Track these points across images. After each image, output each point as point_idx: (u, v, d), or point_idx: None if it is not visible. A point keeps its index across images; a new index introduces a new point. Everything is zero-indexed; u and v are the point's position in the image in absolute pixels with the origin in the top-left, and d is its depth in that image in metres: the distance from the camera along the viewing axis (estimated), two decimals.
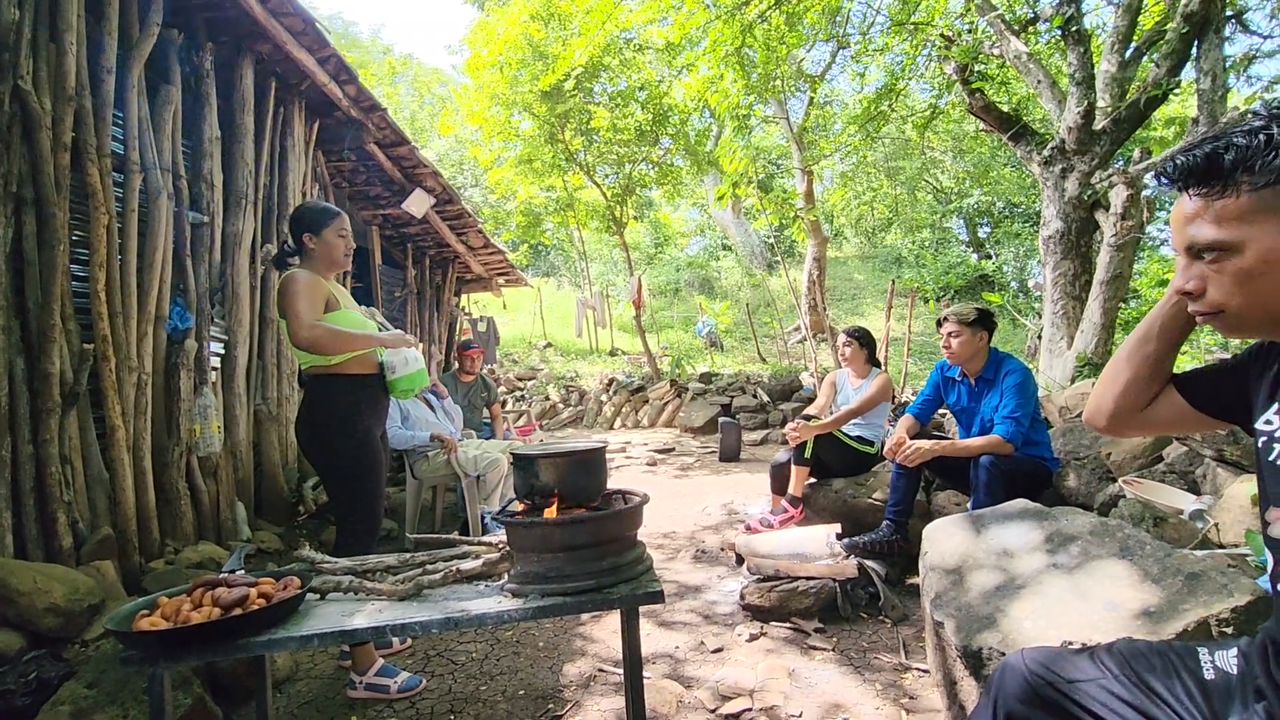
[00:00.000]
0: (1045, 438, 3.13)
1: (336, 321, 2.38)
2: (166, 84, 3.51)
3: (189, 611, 1.31)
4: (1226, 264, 0.88)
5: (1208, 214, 0.88)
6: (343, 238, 2.51)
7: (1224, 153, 0.86)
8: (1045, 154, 5.57)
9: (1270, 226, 0.85)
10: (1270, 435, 0.93)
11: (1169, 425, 1.18)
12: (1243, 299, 0.89)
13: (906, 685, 2.37)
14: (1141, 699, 1.01)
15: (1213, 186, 0.87)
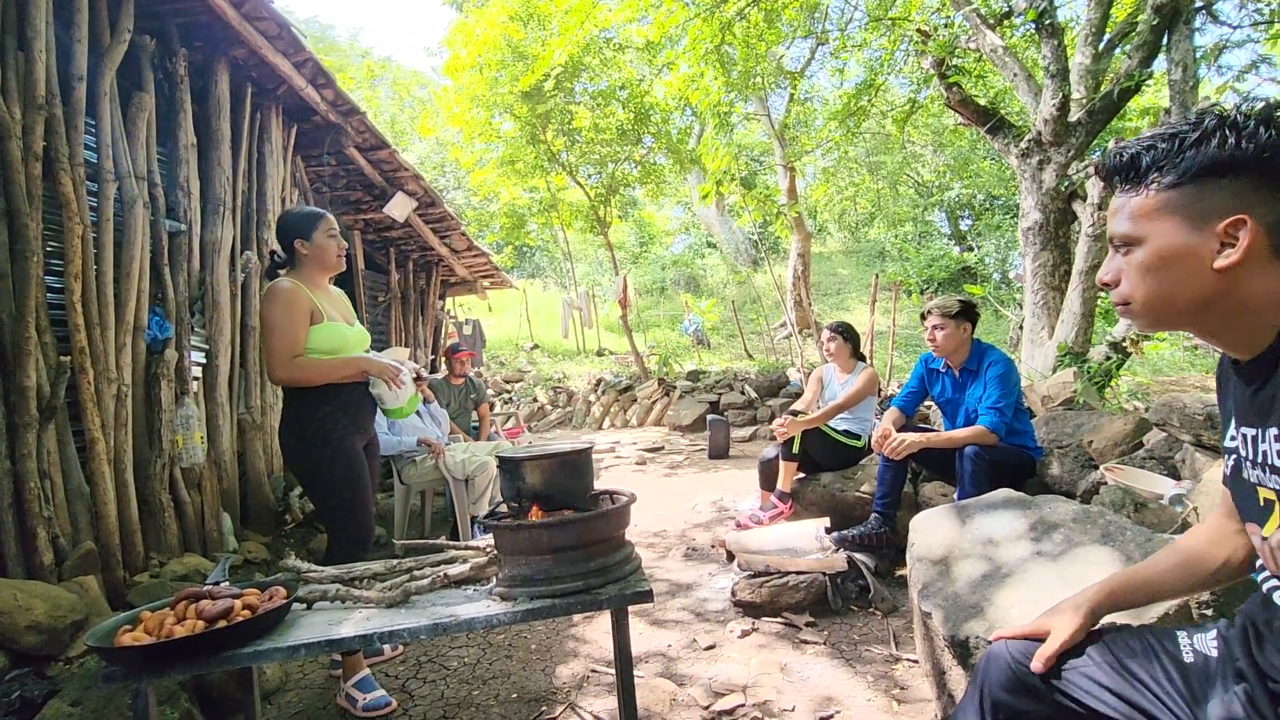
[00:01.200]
0: (1028, 427, 3.16)
1: (318, 337, 2.35)
2: (139, 91, 3.45)
3: (172, 625, 1.30)
4: (1132, 257, 0.93)
5: (1125, 210, 0.93)
6: (333, 238, 2.48)
7: (1144, 154, 0.90)
8: (1022, 146, 5.62)
9: (1169, 225, 0.89)
10: (1236, 452, 0.95)
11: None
12: (1143, 292, 0.93)
13: (897, 676, 2.39)
14: (1122, 683, 1.02)
15: (1133, 184, 0.91)
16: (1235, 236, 0.84)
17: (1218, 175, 0.85)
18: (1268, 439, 0.85)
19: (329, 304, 2.47)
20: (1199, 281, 0.87)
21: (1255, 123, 0.84)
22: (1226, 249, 0.85)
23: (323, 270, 2.49)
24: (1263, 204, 0.84)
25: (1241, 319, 0.88)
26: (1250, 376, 0.91)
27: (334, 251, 2.48)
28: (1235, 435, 0.94)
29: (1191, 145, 0.87)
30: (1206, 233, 0.86)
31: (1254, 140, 0.83)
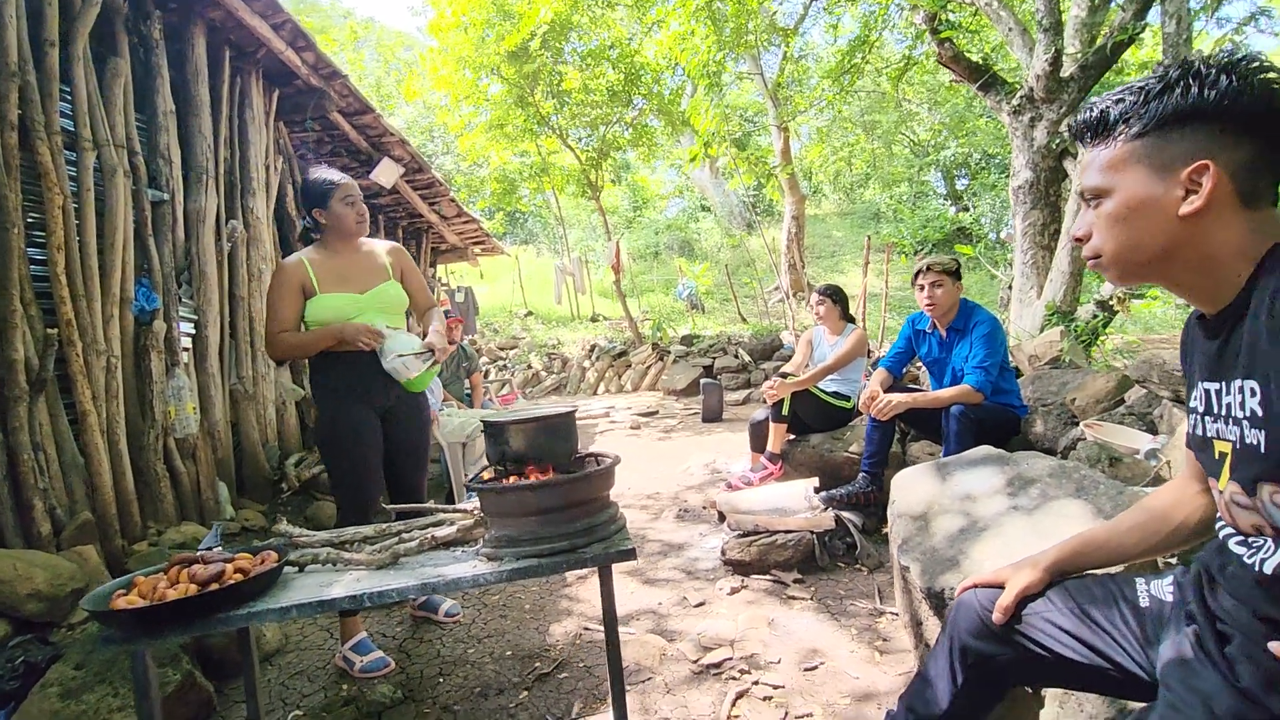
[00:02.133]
0: (1014, 386, 3.20)
1: (312, 310, 2.37)
2: (114, 56, 3.38)
3: (165, 589, 1.33)
4: (1102, 209, 0.93)
5: (1095, 163, 0.94)
6: (351, 205, 2.45)
7: (1113, 107, 0.90)
8: (1014, 103, 5.55)
9: (1136, 174, 0.89)
10: (1197, 411, 0.97)
11: None
12: (1113, 243, 0.94)
13: (880, 628, 2.46)
14: (1081, 627, 1.06)
15: (1102, 138, 0.92)
16: (1199, 183, 0.85)
17: (1181, 124, 0.86)
18: (1231, 391, 0.87)
19: (342, 272, 2.44)
20: (1165, 230, 0.88)
21: (1217, 71, 0.84)
22: (1191, 196, 0.86)
23: (343, 238, 2.47)
24: (1225, 150, 0.84)
25: (1208, 269, 0.89)
26: (1214, 331, 0.92)
27: (351, 219, 2.45)
28: (1198, 394, 0.96)
29: (1156, 96, 0.87)
30: (1171, 181, 0.87)
31: (1215, 88, 0.84)
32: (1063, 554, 1.16)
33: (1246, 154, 0.85)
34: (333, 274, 2.45)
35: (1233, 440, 0.87)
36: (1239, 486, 0.87)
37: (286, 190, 4.93)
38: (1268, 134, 0.85)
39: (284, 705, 2.24)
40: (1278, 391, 0.78)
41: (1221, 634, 0.90)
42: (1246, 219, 0.86)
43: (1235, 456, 0.87)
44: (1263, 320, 0.81)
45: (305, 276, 2.40)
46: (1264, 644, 0.82)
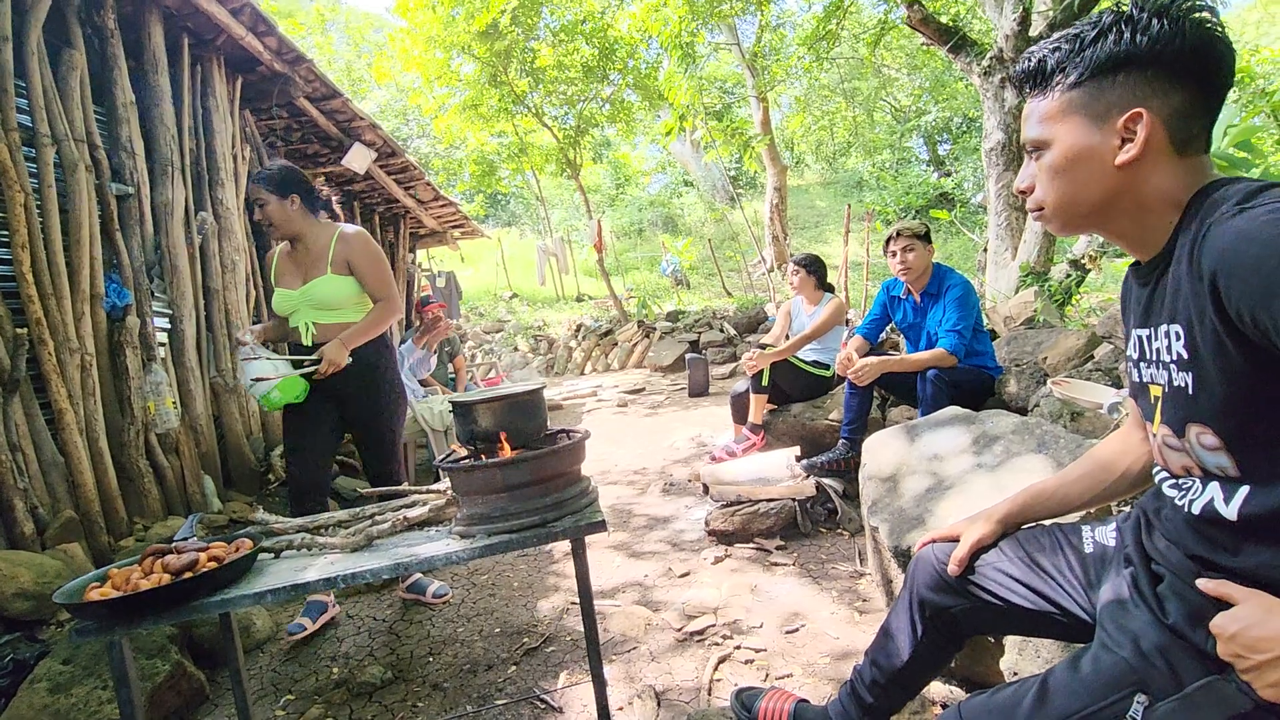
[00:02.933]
0: (988, 347, 3.23)
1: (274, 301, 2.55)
2: (69, 48, 3.30)
3: (139, 580, 1.34)
4: (1042, 161, 0.93)
5: (1034, 114, 0.93)
6: (250, 210, 2.65)
7: (1049, 57, 0.90)
8: (984, 65, 5.54)
9: (1073, 124, 0.90)
10: (1132, 359, 0.99)
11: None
12: (1054, 194, 0.94)
13: (861, 589, 2.51)
14: (1030, 574, 1.10)
15: (1041, 88, 0.91)
16: (1134, 131, 0.85)
17: (1115, 71, 0.86)
18: (1159, 336, 0.89)
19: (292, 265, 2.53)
20: (1103, 179, 0.89)
21: (1149, 16, 0.84)
22: (1127, 144, 0.86)
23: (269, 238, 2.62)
24: (1157, 96, 0.85)
25: (1143, 217, 0.90)
26: (1145, 278, 0.94)
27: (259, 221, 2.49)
28: (1133, 341, 0.98)
29: (1090, 43, 0.87)
30: (1107, 130, 0.87)
31: (1147, 33, 0.83)
32: (1014, 506, 1.19)
33: (1179, 100, 0.85)
34: (284, 267, 2.52)
35: (1163, 384, 0.90)
36: (1169, 429, 0.90)
37: None
38: (1199, 78, 0.84)
39: (275, 691, 2.27)
40: (1200, 334, 0.80)
41: (1155, 574, 0.94)
42: (1179, 166, 0.87)
43: (1165, 399, 0.90)
44: (1184, 266, 0.83)
45: (270, 267, 2.55)
46: (1193, 581, 0.85)
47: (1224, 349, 0.77)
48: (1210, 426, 0.83)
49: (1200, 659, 0.82)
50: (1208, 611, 0.80)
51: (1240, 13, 20.39)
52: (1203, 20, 0.83)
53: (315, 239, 2.52)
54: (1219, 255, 0.76)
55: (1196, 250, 0.80)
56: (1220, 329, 0.77)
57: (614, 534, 3.41)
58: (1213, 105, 0.87)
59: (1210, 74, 0.85)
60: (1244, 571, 0.81)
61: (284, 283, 2.50)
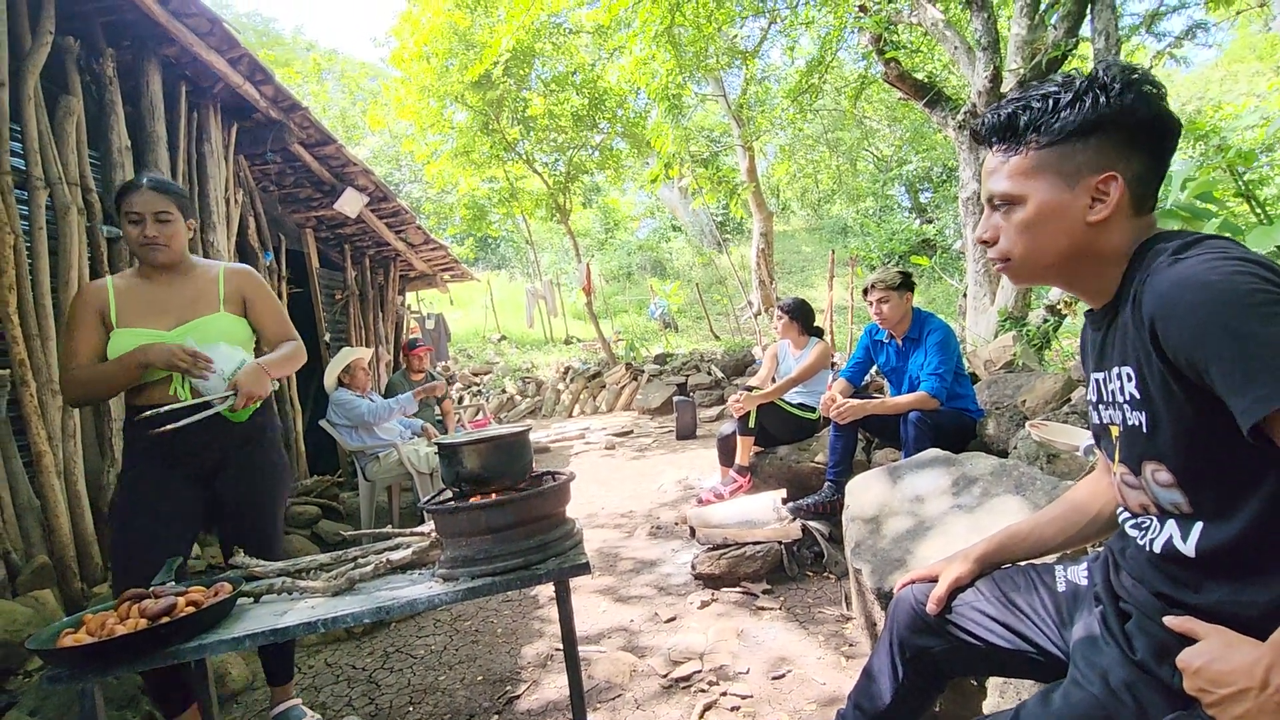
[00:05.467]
0: (969, 390, 3.29)
1: (113, 346, 1.89)
2: (66, 94, 3.37)
3: (114, 625, 1.32)
4: (1012, 215, 0.98)
5: (1003, 169, 0.98)
6: (135, 224, 1.91)
7: (1021, 114, 0.95)
8: (959, 118, 5.76)
9: (1047, 182, 0.95)
10: (1092, 403, 1.04)
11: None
12: (1023, 247, 0.99)
13: (848, 634, 2.50)
14: (1006, 614, 1.11)
15: (1010, 144, 0.97)
16: (1106, 192, 0.91)
17: (1087, 134, 0.91)
18: (1113, 378, 0.94)
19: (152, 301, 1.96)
20: (1071, 235, 0.94)
21: (1121, 85, 0.90)
22: (1098, 204, 0.92)
23: (144, 262, 1.99)
24: (1124, 160, 0.91)
25: (1099, 269, 0.95)
26: (1098, 323, 0.99)
27: (135, 239, 1.92)
28: (1092, 384, 1.02)
29: (1066, 106, 0.92)
30: (1080, 189, 0.92)
31: (1120, 101, 0.90)
32: (990, 546, 1.21)
33: (1140, 165, 0.92)
34: (140, 302, 1.94)
35: (1119, 423, 0.94)
36: (1126, 467, 0.93)
37: (248, 223, 4.92)
38: (1157, 146, 0.92)
39: None
40: (1149, 374, 0.84)
41: (1123, 612, 0.96)
42: (1135, 223, 0.93)
43: (1122, 438, 0.94)
44: (1128, 311, 0.88)
45: (104, 303, 1.90)
46: (1159, 618, 0.88)
47: (1169, 389, 0.82)
48: (1164, 463, 0.86)
49: (1167, 695, 0.83)
50: (1173, 647, 0.82)
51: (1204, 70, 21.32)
52: (1150, 94, 0.90)
53: (193, 272, 2.05)
54: (1157, 301, 0.81)
55: (1139, 296, 0.85)
56: (1164, 370, 0.82)
57: (600, 578, 3.37)
58: (1164, 170, 0.94)
59: (1166, 141, 0.92)
60: (1206, 607, 0.83)
61: (142, 322, 1.92)
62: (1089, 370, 1.03)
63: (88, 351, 1.88)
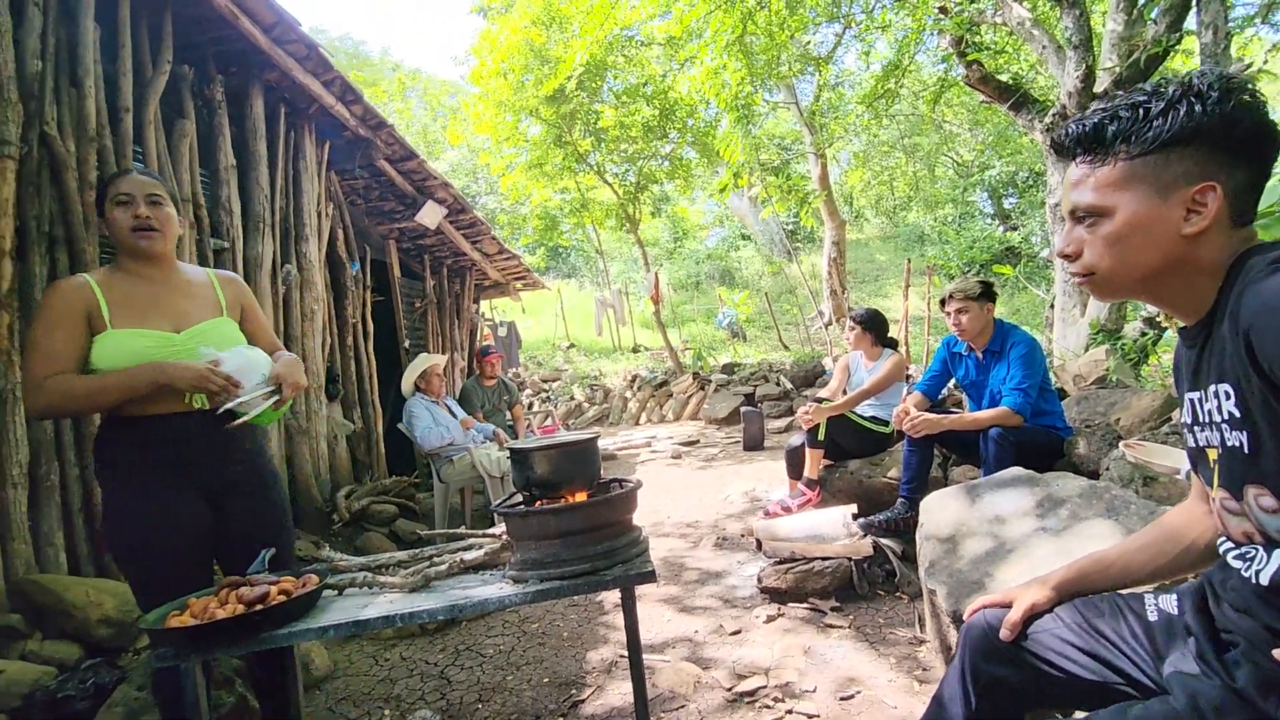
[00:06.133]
0: (1056, 407, 3.13)
1: (101, 352, 1.65)
2: (181, 118, 3.67)
3: (215, 609, 1.43)
4: (1099, 228, 0.94)
5: (1089, 181, 0.94)
6: (124, 205, 1.71)
7: (1109, 124, 0.91)
8: (1047, 121, 5.49)
9: (1138, 193, 0.90)
10: (1187, 425, 0.98)
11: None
12: (1110, 261, 0.94)
13: (921, 657, 2.41)
14: (1091, 642, 1.05)
15: (1096, 155, 0.93)
16: (1203, 203, 0.87)
17: (1183, 144, 0.87)
18: (1209, 397, 0.88)
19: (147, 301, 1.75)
20: (1163, 248, 0.90)
21: (1219, 93, 0.85)
22: (1193, 215, 0.87)
23: (130, 255, 1.75)
24: (1223, 171, 0.86)
25: (1193, 283, 0.91)
26: (1192, 340, 0.94)
27: (124, 225, 1.70)
28: (1186, 405, 0.97)
29: (1158, 115, 0.88)
30: (1173, 201, 0.88)
31: (1219, 110, 0.85)
32: (1070, 574, 1.15)
33: (1242, 176, 0.87)
34: (133, 301, 1.72)
35: (1217, 445, 0.88)
36: (1226, 491, 0.88)
37: (337, 234, 5.19)
38: (1259, 156, 0.87)
39: None
40: (1249, 391, 0.79)
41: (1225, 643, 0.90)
42: (1231, 236, 0.88)
43: (1221, 461, 0.88)
44: (1225, 326, 0.83)
45: (93, 302, 1.66)
46: (1268, 650, 0.81)
47: (1271, 406, 0.77)
48: (1267, 486, 0.81)
49: None
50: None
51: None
52: (1256, 103, 0.85)
53: (183, 273, 1.86)
54: (1252, 314, 0.78)
55: (1235, 310, 0.81)
56: (1262, 386, 0.77)
57: (665, 587, 3.37)
58: (1265, 180, 0.89)
59: (1268, 151, 0.87)
60: None
61: (140, 323, 1.70)
62: (1183, 391, 0.98)
63: (70, 355, 1.62)
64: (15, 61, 2.80)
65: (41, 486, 2.81)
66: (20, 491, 2.72)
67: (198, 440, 1.72)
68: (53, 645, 2.56)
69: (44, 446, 2.82)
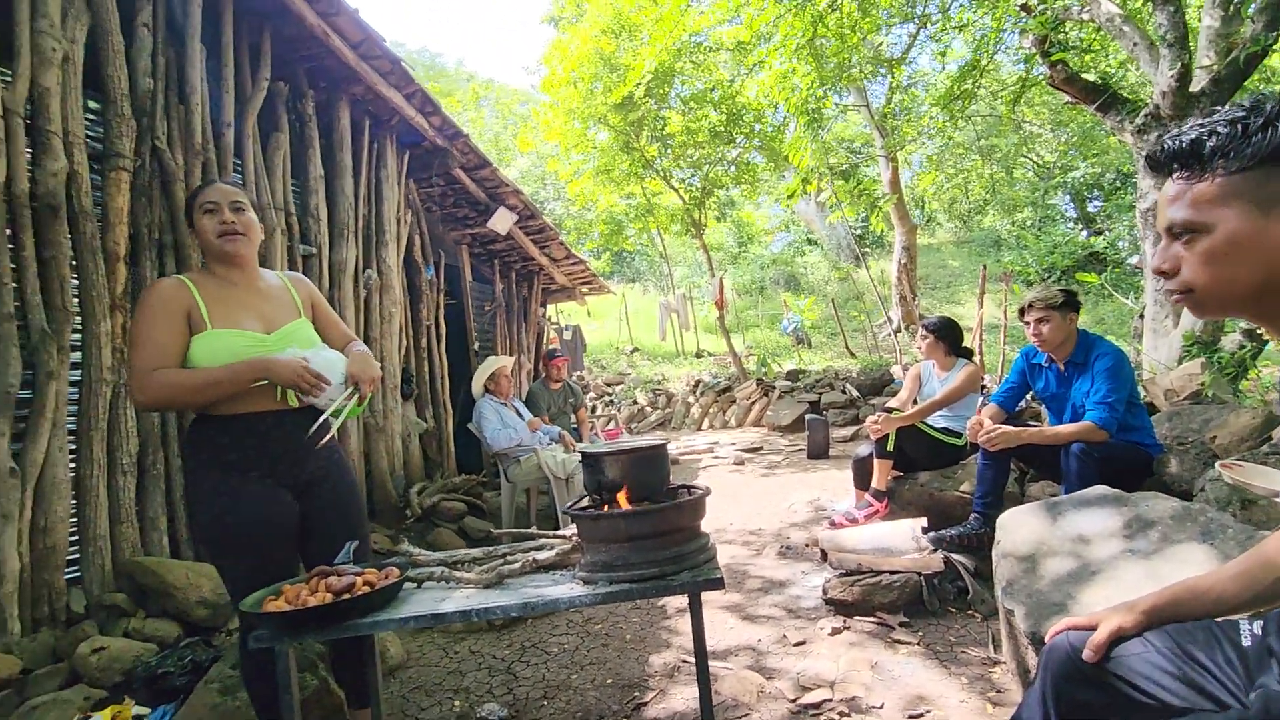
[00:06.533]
0: (1145, 423, 2.96)
1: (199, 350, 1.74)
2: (276, 131, 3.91)
3: (307, 596, 1.52)
4: (1197, 244, 0.91)
5: (1186, 197, 0.91)
6: (210, 212, 1.82)
7: (1207, 139, 0.89)
8: (1138, 122, 5.19)
9: (1238, 210, 0.88)
10: None
11: None
12: (1209, 278, 0.91)
13: (995, 679, 2.33)
14: (1184, 668, 1.01)
15: (1194, 170, 0.90)
16: None
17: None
18: None
19: (237, 304, 1.84)
20: (1268, 265, 0.87)
21: None
22: None
23: (216, 260, 1.87)
24: None
25: None
26: None
27: (213, 232, 1.82)
28: None
29: (1257, 130, 0.86)
30: (1274, 216, 0.86)
31: None
32: (1162, 600, 1.10)
33: None
34: (227, 303, 1.82)
35: None
36: None
37: (414, 240, 5.41)
38: None
39: (404, 716, 2.42)
40: None
41: None
42: None
43: None
44: None
45: (191, 302, 1.77)
46: None
47: None
48: None
49: None
50: None
51: None
52: None
53: (263, 276, 1.97)
54: None
55: None
56: None
57: (727, 594, 3.36)
58: None
59: None
60: None
61: (237, 323, 1.80)
62: None
63: (175, 351, 1.73)
64: (129, 80, 3.05)
65: (148, 475, 3.04)
66: (129, 479, 2.95)
67: (288, 436, 1.81)
68: (154, 623, 2.76)
69: (151, 437, 3.05)
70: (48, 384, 2.64)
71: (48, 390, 2.64)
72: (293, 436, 1.81)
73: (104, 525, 2.84)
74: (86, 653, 2.48)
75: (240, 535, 1.73)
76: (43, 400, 2.63)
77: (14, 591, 2.51)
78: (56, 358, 2.67)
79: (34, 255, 2.67)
